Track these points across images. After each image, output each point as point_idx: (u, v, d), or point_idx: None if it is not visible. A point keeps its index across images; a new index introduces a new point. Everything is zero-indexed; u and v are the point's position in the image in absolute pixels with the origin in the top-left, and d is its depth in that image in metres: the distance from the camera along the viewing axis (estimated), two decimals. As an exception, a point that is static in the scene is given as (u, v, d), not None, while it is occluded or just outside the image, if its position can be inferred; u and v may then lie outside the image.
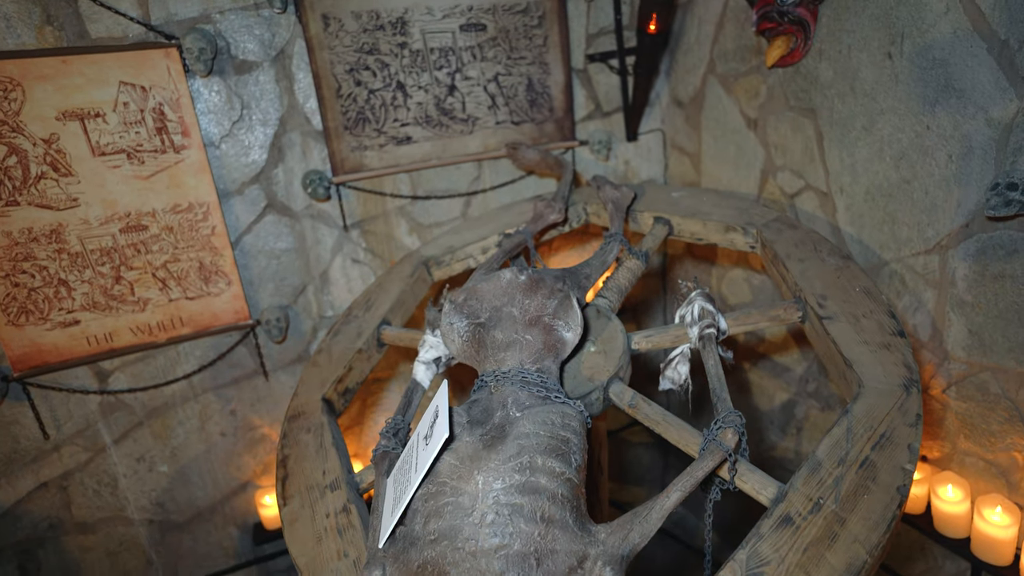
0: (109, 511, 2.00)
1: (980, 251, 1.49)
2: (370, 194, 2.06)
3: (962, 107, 1.44)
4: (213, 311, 1.92)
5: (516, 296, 1.21)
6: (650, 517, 0.90)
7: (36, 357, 1.75)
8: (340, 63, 1.89)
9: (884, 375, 1.06)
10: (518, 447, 0.92)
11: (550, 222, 1.66)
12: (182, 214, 1.82)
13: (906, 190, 1.62)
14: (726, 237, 1.53)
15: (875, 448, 0.96)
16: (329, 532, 1.12)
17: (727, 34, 2.08)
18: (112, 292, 1.80)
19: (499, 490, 0.87)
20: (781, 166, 2.00)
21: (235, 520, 2.21)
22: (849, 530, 0.87)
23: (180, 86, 1.72)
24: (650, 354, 1.39)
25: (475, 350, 1.18)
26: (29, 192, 1.65)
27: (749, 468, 1.00)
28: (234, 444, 2.13)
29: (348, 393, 1.49)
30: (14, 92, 1.57)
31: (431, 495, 0.92)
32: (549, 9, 2.12)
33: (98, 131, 1.68)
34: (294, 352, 2.12)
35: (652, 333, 1.29)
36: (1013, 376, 1.48)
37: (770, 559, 0.87)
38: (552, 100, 2.23)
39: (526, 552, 0.83)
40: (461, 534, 0.85)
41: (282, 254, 2.01)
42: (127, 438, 1.97)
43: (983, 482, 1.61)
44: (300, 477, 1.25)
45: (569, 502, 0.90)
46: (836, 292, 1.23)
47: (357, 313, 1.65)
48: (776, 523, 0.90)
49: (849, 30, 1.66)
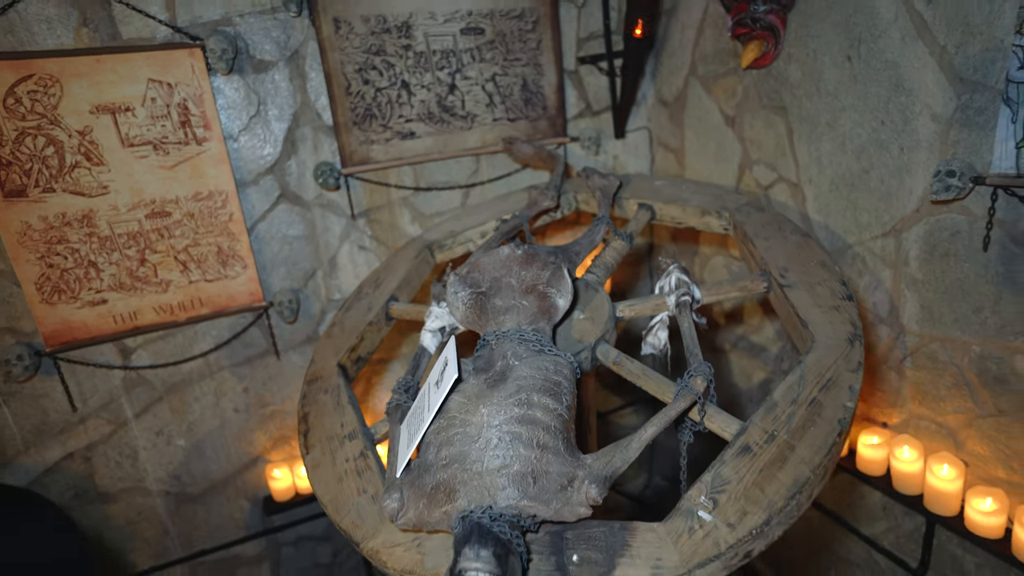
0: (129, 482, 2.13)
1: (928, 233, 1.66)
2: (376, 185, 2.21)
3: (911, 104, 1.62)
4: (230, 293, 2.06)
5: (513, 268, 1.37)
6: (630, 447, 1.05)
7: (66, 334, 1.89)
8: (350, 63, 2.04)
9: (833, 332, 1.22)
10: (517, 386, 1.07)
11: (543, 208, 1.82)
12: (203, 202, 1.96)
13: (865, 180, 1.80)
14: (702, 220, 1.69)
15: (822, 390, 1.12)
16: (349, 474, 1.26)
17: (707, 39, 2.26)
18: (137, 274, 1.93)
19: (501, 421, 1.02)
20: (756, 160, 2.18)
21: (246, 493, 2.34)
22: (797, 454, 1.03)
23: (203, 83, 1.87)
24: (633, 324, 1.53)
25: (477, 315, 1.33)
26: (64, 180, 1.79)
27: (716, 411, 1.16)
28: (246, 420, 2.26)
29: (360, 361, 1.64)
30: (53, 88, 1.71)
31: (442, 428, 1.07)
32: (543, 14, 2.29)
33: (127, 124, 1.82)
34: (304, 333, 2.26)
35: (635, 302, 1.45)
36: (958, 345, 1.66)
37: (731, 479, 1.03)
38: (545, 99, 2.39)
39: (524, 472, 0.99)
40: (469, 457, 1.01)
41: (294, 240, 2.16)
42: (147, 412, 2.10)
43: (935, 443, 1.78)
44: (320, 430, 1.39)
45: (560, 433, 1.05)
46: (796, 264, 1.40)
47: (367, 291, 1.80)
48: (737, 452, 1.06)
49: (814, 35, 1.84)
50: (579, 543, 1.00)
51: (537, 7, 2.27)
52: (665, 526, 0.99)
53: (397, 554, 1.08)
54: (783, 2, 1.87)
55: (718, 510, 0.99)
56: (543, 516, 1.00)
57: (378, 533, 1.13)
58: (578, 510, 1.00)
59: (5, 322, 1.84)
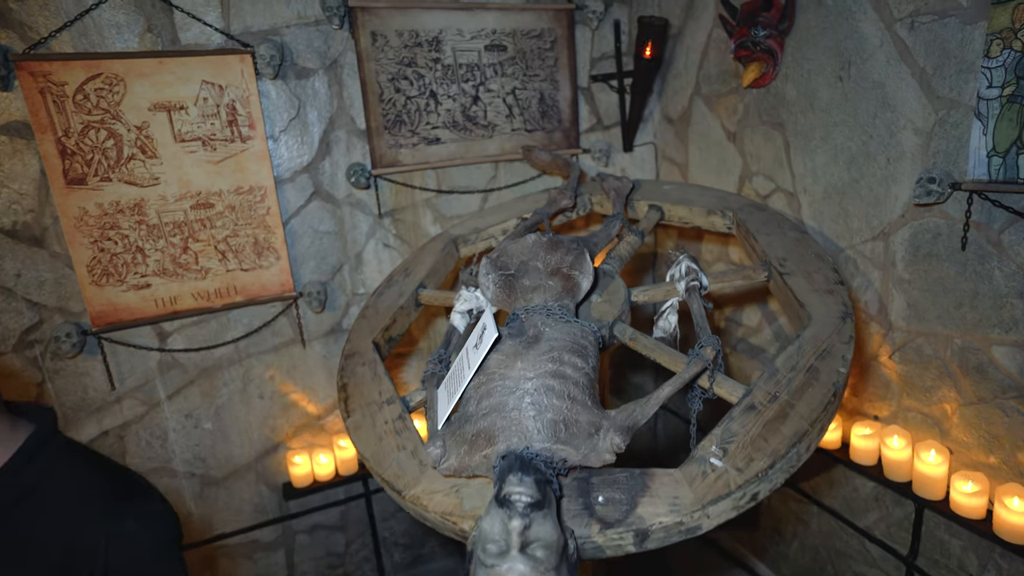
0: (158, 462, 2.23)
1: (913, 236, 1.82)
2: (402, 187, 2.37)
3: (895, 120, 1.80)
4: (263, 282, 2.20)
5: (540, 253, 1.52)
6: (648, 403, 1.19)
7: (112, 315, 2.01)
8: (383, 73, 2.22)
9: (827, 312, 1.37)
10: (549, 346, 1.21)
11: (562, 207, 1.98)
12: (243, 195, 2.11)
13: (855, 188, 1.97)
14: (708, 220, 1.85)
15: (818, 358, 1.26)
16: (388, 433, 1.39)
17: (710, 61, 2.45)
18: (179, 260, 2.07)
19: (536, 374, 1.16)
20: (756, 172, 2.35)
21: (266, 479, 2.43)
22: (797, 411, 1.17)
23: (251, 86, 2.03)
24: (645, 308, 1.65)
25: (506, 294, 1.48)
26: (120, 170, 1.94)
27: (724, 378, 1.29)
28: (271, 407, 2.37)
29: (392, 341, 1.77)
30: (118, 86, 1.87)
31: (482, 383, 1.20)
32: (560, 35, 2.48)
33: (180, 121, 1.98)
34: (328, 324, 2.39)
35: (648, 288, 1.60)
36: (941, 339, 1.81)
37: (738, 432, 1.16)
38: (560, 112, 2.57)
39: (557, 420, 1.12)
40: (507, 406, 1.14)
41: (324, 236, 2.30)
42: (179, 395, 2.21)
43: (922, 432, 1.92)
44: (359, 397, 1.52)
45: (587, 389, 1.19)
46: (794, 256, 1.55)
47: (397, 279, 1.94)
48: (743, 410, 1.20)
49: (809, 58, 2.03)
50: (604, 486, 1.13)
51: (555, 28, 2.47)
52: (681, 471, 1.12)
53: (437, 499, 1.20)
54: (781, 28, 2.06)
55: (728, 457, 1.12)
56: (572, 460, 1.12)
57: (419, 482, 1.25)
58: (604, 456, 1.13)
59: (56, 302, 1.97)
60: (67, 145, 1.86)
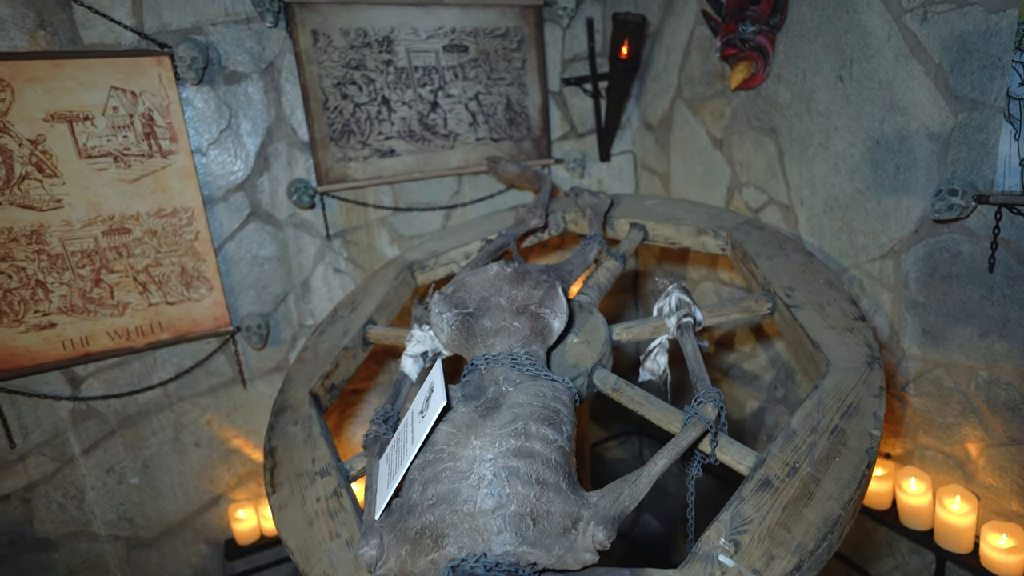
0: (74, 526, 1.93)
1: (929, 254, 1.61)
2: (353, 204, 2.10)
3: (906, 124, 1.59)
4: (193, 317, 1.91)
5: (503, 287, 1.27)
6: (639, 483, 0.94)
7: (7, 361, 1.71)
8: (328, 77, 1.95)
9: (849, 354, 1.14)
10: (512, 415, 0.96)
11: (531, 227, 1.73)
12: (166, 218, 1.83)
13: (860, 200, 1.76)
14: (698, 240, 1.62)
15: (844, 417, 1.03)
16: (320, 515, 1.12)
17: (693, 61, 2.24)
18: (91, 295, 1.78)
19: (496, 454, 0.91)
20: (746, 182, 2.14)
21: (206, 536, 2.14)
22: (824, 489, 0.93)
23: (170, 93, 1.76)
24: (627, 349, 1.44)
25: (464, 338, 1.22)
26: (12, 192, 1.64)
27: (728, 440, 1.06)
28: (208, 455, 2.08)
29: (334, 389, 1.51)
30: (3, 93, 1.58)
31: (428, 463, 0.94)
32: (527, 34, 2.25)
33: (86, 134, 1.70)
34: (273, 361, 2.11)
35: (632, 325, 1.36)
36: (963, 370, 1.60)
37: (752, 518, 0.92)
38: (530, 120, 2.33)
39: (523, 512, 0.86)
40: (459, 496, 0.88)
41: (264, 262, 2.03)
42: (97, 448, 1.91)
43: (942, 474, 1.70)
44: (288, 466, 1.25)
45: (562, 467, 0.94)
46: (802, 284, 1.33)
47: (343, 314, 1.67)
48: (756, 486, 0.96)
49: (804, 56, 1.82)
50: (584, 595, 0.88)
51: (522, 27, 2.23)
52: (682, 573, 0.88)
53: (374, 611, 0.94)
54: (772, 23, 1.85)
55: (740, 554, 0.88)
56: (544, 564, 0.87)
57: (352, 586, 0.98)
58: (583, 556, 0.88)
59: (-64, 348, 1.66)
60: (-57, 164, 1.56)
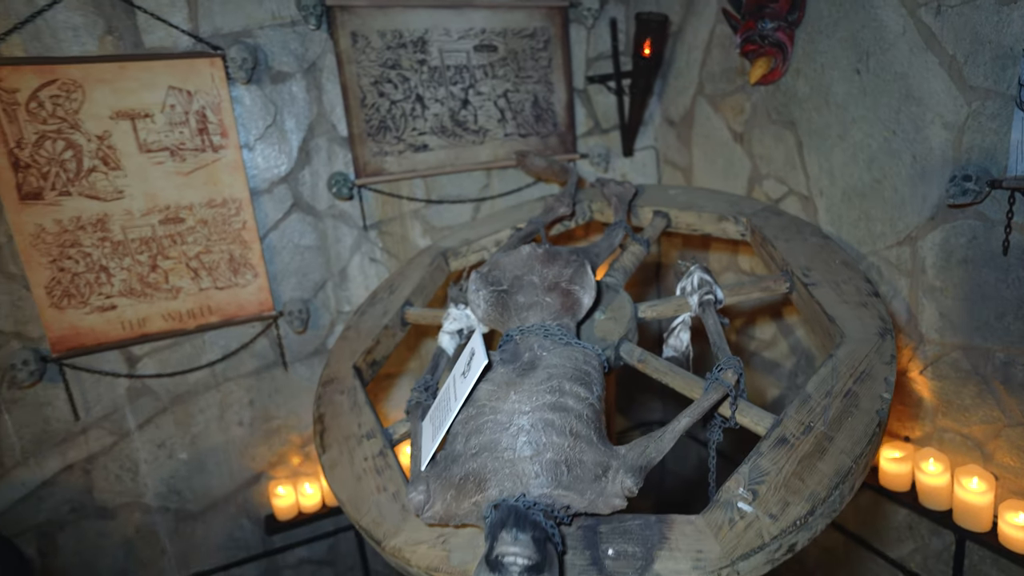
0: (129, 497, 2.06)
1: (945, 240, 1.67)
2: (388, 197, 2.22)
3: (922, 114, 1.65)
4: (240, 301, 2.04)
5: (535, 266, 1.36)
6: (664, 438, 1.02)
7: (74, 339, 1.85)
8: (365, 76, 2.07)
9: (863, 327, 1.21)
10: (547, 374, 1.05)
11: (559, 215, 1.82)
12: (216, 209, 1.96)
13: (878, 189, 1.81)
14: (719, 227, 1.69)
15: (857, 382, 1.10)
16: (368, 472, 1.22)
17: (713, 58, 2.31)
18: (148, 280, 1.91)
19: (533, 407, 1.00)
20: (766, 174, 2.20)
21: (248, 511, 2.26)
22: (837, 445, 1.01)
23: (222, 92, 1.89)
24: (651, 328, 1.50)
25: (499, 313, 1.32)
26: (80, 184, 1.79)
27: (747, 405, 1.13)
28: (250, 434, 2.21)
29: (375, 365, 1.61)
30: (76, 93, 1.73)
31: (471, 417, 1.04)
32: (553, 35, 2.35)
33: (146, 130, 1.83)
34: (312, 345, 2.23)
35: (657, 303, 1.44)
36: (980, 352, 1.64)
37: (769, 470, 0.99)
38: (556, 116, 2.43)
39: (558, 460, 0.95)
40: (500, 445, 0.97)
41: (305, 250, 2.15)
42: (150, 424, 2.05)
43: (961, 455, 1.74)
44: (336, 430, 1.36)
45: (592, 422, 1.02)
46: (818, 264, 1.40)
47: (382, 296, 1.78)
48: (774, 443, 1.03)
49: (822, 51, 1.88)
50: (614, 537, 0.96)
51: (548, 27, 2.33)
52: (704, 518, 0.96)
53: (421, 551, 1.04)
54: (790, 19, 1.92)
55: (758, 501, 0.95)
56: (577, 507, 0.96)
57: (400, 531, 1.08)
58: (613, 501, 0.96)
59: (12, 326, 1.81)
60: (20, 157, 1.71)
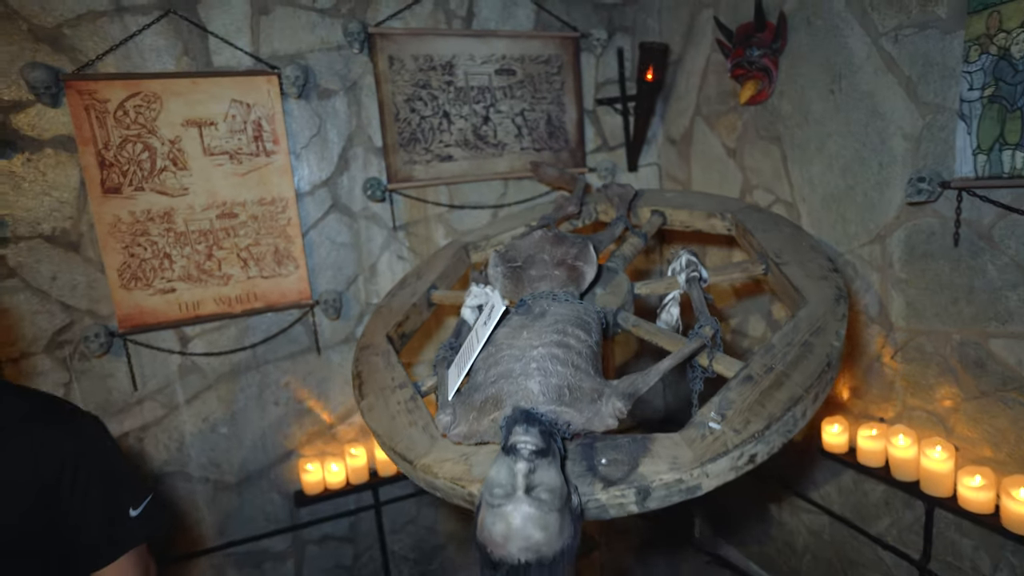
0: (175, 466, 2.28)
1: (908, 237, 1.89)
2: (415, 201, 2.48)
3: (885, 127, 1.89)
4: (282, 289, 2.29)
5: (545, 246, 1.60)
6: (649, 374, 1.24)
7: (138, 318, 2.11)
8: (399, 94, 2.36)
9: (822, 295, 1.42)
10: (554, 319, 1.28)
11: (567, 213, 2.07)
12: (266, 207, 2.23)
13: (851, 195, 2.04)
14: (708, 223, 1.92)
15: (813, 335, 1.31)
16: (400, 412, 1.44)
17: (709, 83, 2.59)
18: (203, 267, 2.17)
19: (541, 343, 1.22)
20: (755, 185, 2.44)
21: (278, 486, 2.46)
22: (792, 380, 1.21)
23: (276, 105, 2.18)
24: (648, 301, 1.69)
25: (514, 285, 1.55)
26: (153, 181, 2.07)
27: (723, 356, 1.34)
28: (285, 414, 2.43)
29: (404, 337, 1.84)
30: (155, 103, 2.02)
31: (490, 355, 1.26)
32: (566, 61, 2.64)
33: (210, 136, 2.12)
34: (343, 334, 2.47)
35: (650, 282, 1.66)
36: (940, 335, 1.84)
37: (735, 400, 1.20)
38: (567, 133, 2.70)
39: (561, 385, 1.17)
40: (514, 372, 1.20)
41: (340, 247, 2.41)
42: (197, 399, 2.28)
43: (927, 430, 1.92)
44: (372, 383, 1.58)
45: (590, 360, 1.24)
46: (790, 249, 1.62)
47: (410, 281, 2.02)
48: (741, 380, 1.24)
49: (802, 74, 2.14)
50: (607, 449, 1.17)
51: (561, 55, 2.62)
52: (680, 435, 1.16)
53: (447, 467, 1.25)
54: (775, 47, 2.19)
55: (725, 422, 1.16)
56: (576, 424, 1.17)
57: (429, 452, 1.29)
58: (607, 420, 1.17)
59: (87, 304, 2.07)
60: (106, 157, 2.00)
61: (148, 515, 1.28)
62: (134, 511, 1.25)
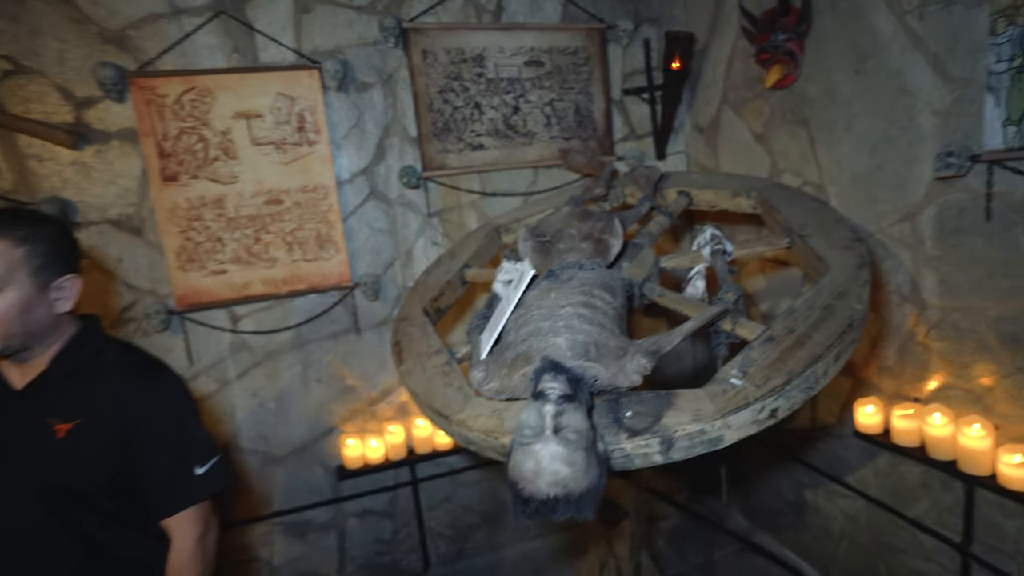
0: (226, 438, 2.43)
1: (939, 213, 1.89)
2: (449, 188, 2.59)
3: (913, 104, 1.90)
4: (324, 272, 2.42)
5: (573, 222, 1.67)
6: (672, 334, 1.30)
7: (192, 297, 2.26)
8: (433, 86, 2.47)
9: (845, 263, 1.45)
10: (581, 282, 1.35)
11: (595, 195, 2.13)
12: (308, 194, 2.36)
13: (880, 174, 2.05)
14: (733, 202, 1.96)
15: (836, 298, 1.35)
16: (436, 375, 1.53)
17: (735, 70, 2.62)
18: (252, 250, 2.32)
19: (568, 303, 1.29)
20: (784, 169, 2.46)
21: (322, 460, 2.59)
22: (813, 340, 1.25)
23: (317, 97, 2.31)
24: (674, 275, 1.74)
25: (543, 257, 1.62)
26: (206, 169, 2.22)
27: (746, 321, 1.39)
28: (327, 391, 2.55)
29: (439, 312, 1.93)
30: (208, 97, 2.18)
31: (520, 316, 1.34)
32: (593, 52, 2.71)
33: (257, 127, 2.27)
34: (380, 315, 2.58)
35: (675, 255, 1.72)
36: (976, 311, 1.84)
37: (757, 359, 1.25)
38: (595, 123, 2.77)
39: (588, 342, 1.24)
40: (543, 330, 1.27)
41: (378, 232, 2.53)
42: (246, 375, 2.42)
43: (965, 409, 1.91)
44: (410, 350, 1.67)
45: (615, 320, 1.31)
46: (814, 222, 1.65)
47: (445, 260, 2.12)
48: (763, 341, 1.29)
49: (827, 56, 2.16)
50: (632, 403, 1.23)
51: (588, 46, 2.69)
52: (704, 390, 1.22)
53: (480, 421, 1.33)
54: (799, 31, 2.21)
55: (747, 378, 1.21)
56: (602, 380, 1.23)
57: (463, 409, 1.38)
58: (632, 376, 1.23)
59: (149, 284, 2.23)
60: (165, 148, 2.16)
61: (213, 475, 1.39)
62: (200, 469, 1.36)
